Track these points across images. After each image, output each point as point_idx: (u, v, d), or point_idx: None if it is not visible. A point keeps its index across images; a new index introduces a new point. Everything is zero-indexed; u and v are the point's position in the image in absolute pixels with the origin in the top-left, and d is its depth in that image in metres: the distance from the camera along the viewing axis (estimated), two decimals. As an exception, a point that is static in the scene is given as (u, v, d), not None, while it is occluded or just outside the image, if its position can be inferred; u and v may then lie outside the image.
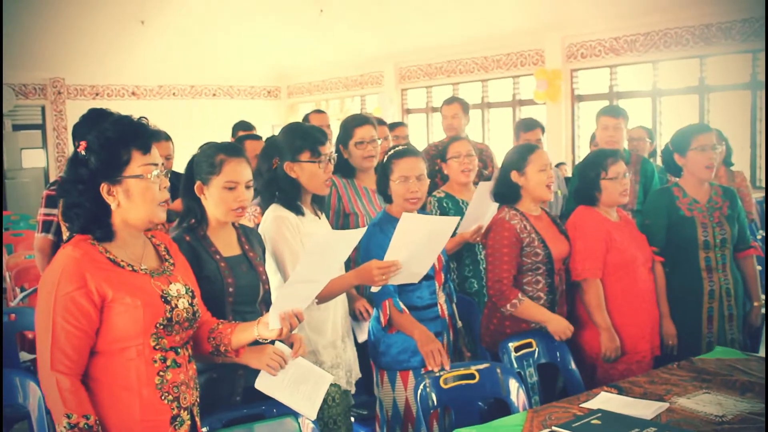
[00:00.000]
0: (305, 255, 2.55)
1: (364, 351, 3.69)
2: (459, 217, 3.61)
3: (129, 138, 2.31)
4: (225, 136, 7.44)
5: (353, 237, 2.71)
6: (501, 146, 11.36)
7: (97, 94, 14.16)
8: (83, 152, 2.30)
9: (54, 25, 12.09)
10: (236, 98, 15.71)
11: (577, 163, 10.38)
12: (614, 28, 9.92)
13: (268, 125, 15.14)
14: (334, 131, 6.11)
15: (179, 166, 5.53)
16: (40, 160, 14.11)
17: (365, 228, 2.87)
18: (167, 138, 5.28)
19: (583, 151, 10.60)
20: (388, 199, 3.57)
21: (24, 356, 4.63)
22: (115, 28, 12.70)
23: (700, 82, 9.39)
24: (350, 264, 3.68)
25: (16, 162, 14.99)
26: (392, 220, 3.47)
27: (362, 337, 3.73)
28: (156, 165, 2.34)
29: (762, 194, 8.11)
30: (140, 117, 2.46)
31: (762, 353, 3.99)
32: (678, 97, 9.83)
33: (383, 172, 3.55)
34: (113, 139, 2.30)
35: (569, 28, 10.39)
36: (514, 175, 3.78)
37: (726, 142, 5.59)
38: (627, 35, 9.88)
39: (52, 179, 13.52)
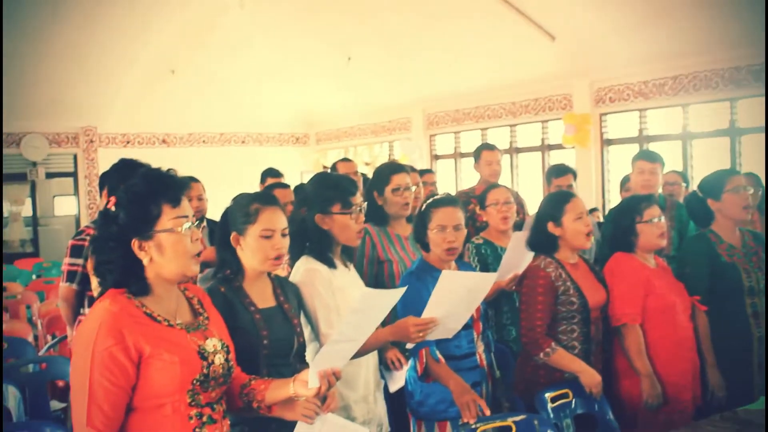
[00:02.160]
0: (350, 314, 2.52)
1: (395, 401, 3.64)
2: (497, 273, 3.57)
3: (158, 192, 2.29)
4: (254, 183, 7.52)
5: (394, 296, 2.67)
6: (530, 191, 11.36)
7: (128, 142, 14.33)
8: (113, 208, 2.29)
9: (86, 75, 12.31)
10: (265, 145, 15.81)
11: (607, 207, 10.39)
12: (642, 72, 9.90)
13: (297, 172, 15.23)
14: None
15: (210, 213, 5.62)
16: (71, 208, 14.27)
17: (406, 287, 2.82)
18: (195, 180, 5.32)
19: (613, 195, 10.54)
20: (425, 247, 3.55)
21: (55, 405, 4.62)
22: (146, 77, 12.91)
23: (731, 125, 9.31)
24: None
25: (49, 209, 15.21)
26: (429, 268, 3.45)
27: (394, 387, 3.67)
28: (187, 217, 2.32)
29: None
30: (168, 169, 2.45)
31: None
32: (709, 140, 9.74)
33: (421, 221, 3.53)
34: (142, 194, 2.28)
35: (597, 72, 10.38)
36: (551, 226, 3.75)
37: (762, 188, 5.52)
38: (655, 79, 9.85)
39: (83, 226, 13.72)
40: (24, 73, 11.63)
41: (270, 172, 7.23)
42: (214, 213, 5.61)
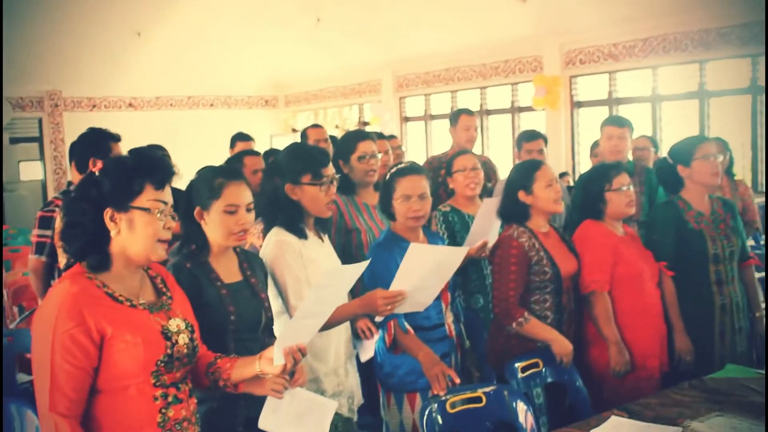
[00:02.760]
0: (313, 291, 2.50)
1: (368, 370, 3.64)
2: (468, 248, 3.55)
3: (146, 169, 2.27)
4: (223, 146, 7.47)
5: (357, 270, 2.65)
6: (500, 154, 11.38)
7: (94, 106, 14.11)
8: (98, 173, 2.25)
9: (51, 38, 12.05)
10: (234, 108, 15.66)
11: (577, 169, 10.43)
12: (613, 33, 9.88)
13: (266, 135, 15.13)
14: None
15: (176, 180, 5.54)
16: (37, 173, 14.05)
17: (369, 261, 2.80)
18: (164, 150, 5.23)
19: (583, 158, 10.57)
20: (391, 216, 3.53)
21: (22, 378, 4.57)
22: (111, 40, 12.66)
23: (700, 87, 9.35)
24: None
25: (14, 175, 14.95)
26: (397, 238, 3.43)
27: (365, 357, 3.66)
28: (165, 203, 2.29)
29: (763, 199, 8.08)
30: (162, 153, 2.44)
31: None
32: (678, 102, 9.78)
33: (386, 190, 3.50)
34: (130, 167, 2.27)
35: (567, 34, 10.36)
36: (521, 195, 3.74)
37: (729, 152, 5.54)
38: (626, 41, 9.84)
39: (49, 191, 13.59)
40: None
41: (240, 136, 7.16)
42: (183, 180, 5.57)
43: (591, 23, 9.91)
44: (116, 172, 2.25)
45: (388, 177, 3.52)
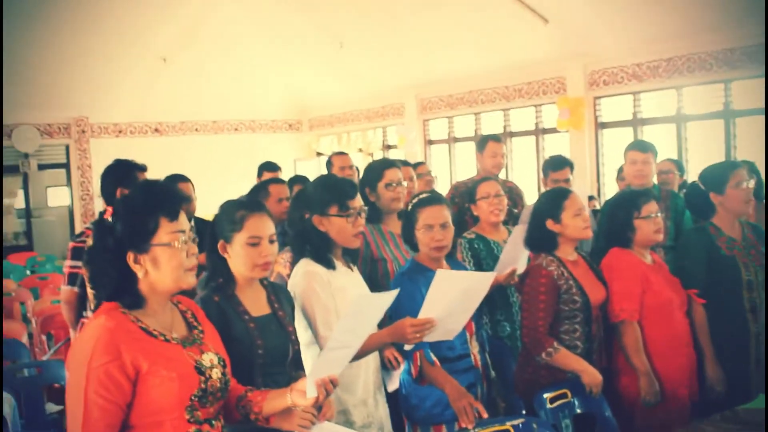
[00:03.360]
0: (342, 320, 2.51)
1: (394, 401, 3.62)
2: (495, 273, 3.53)
3: (156, 205, 2.26)
4: (248, 170, 7.50)
5: (387, 299, 2.66)
6: (524, 175, 11.34)
7: (120, 132, 14.23)
8: (110, 219, 2.25)
9: (77, 65, 12.21)
10: (258, 132, 15.73)
11: (602, 191, 10.37)
12: (636, 54, 9.83)
13: (290, 159, 15.18)
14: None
15: (203, 204, 5.57)
16: (65, 199, 14.19)
17: (398, 290, 2.80)
18: (186, 180, 5.27)
19: (608, 179, 10.51)
20: (414, 247, 3.53)
21: (51, 408, 4.59)
22: (137, 66, 12.82)
23: (726, 107, 9.25)
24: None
25: (42, 201, 15.13)
26: (421, 269, 3.43)
27: (392, 387, 3.65)
28: (184, 231, 2.29)
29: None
30: (167, 178, 2.42)
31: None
32: (703, 122, 9.69)
33: (408, 221, 3.51)
34: (140, 207, 2.26)
35: (591, 55, 10.32)
36: (550, 223, 3.73)
37: (757, 175, 5.48)
38: (649, 61, 9.78)
39: (76, 217, 13.71)
40: (15, 65, 11.51)
41: (267, 166, 7.22)
42: (209, 203, 5.59)
43: (614, 44, 9.87)
44: (128, 214, 2.24)
45: (410, 207, 3.53)
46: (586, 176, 10.39)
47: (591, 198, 9.30)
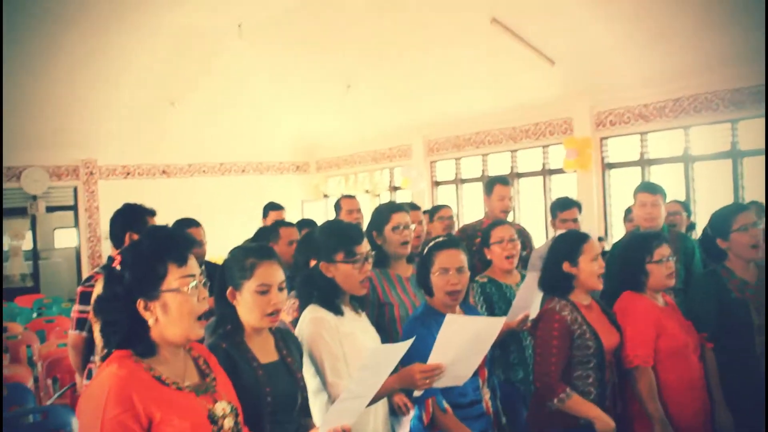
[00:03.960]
0: (357, 371, 2.50)
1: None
2: (504, 317, 3.50)
3: (164, 251, 2.24)
4: (255, 212, 7.55)
5: (401, 349, 2.64)
6: (531, 216, 11.32)
7: (128, 174, 14.30)
8: (118, 268, 2.23)
9: (86, 107, 12.33)
10: (265, 174, 15.80)
11: (610, 232, 10.33)
12: (643, 94, 9.87)
13: (298, 200, 15.21)
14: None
15: (212, 246, 5.56)
16: (72, 240, 14.23)
17: (413, 339, 2.77)
18: (197, 225, 5.28)
19: (616, 220, 10.49)
20: (428, 290, 3.50)
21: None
22: (146, 109, 12.93)
23: (733, 147, 9.26)
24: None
25: (49, 242, 15.17)
26: (434, 313, 3.39)
27: (401, 433, 3.60)
28: (194, 276, 2.26)
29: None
30: (175, 224, 2.40)
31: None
32: (711, 162, 9.68)
33: (423, 264, 3.48)
34: (148, 254, 2.23)
35: (597, 96, 10.36)
36: (566, 266, 3.70)
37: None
38: (656, 101, 9.82)
39: (83, 259, 13.71)
40: (23, 106, 11.64)
41: (272, 206, 7.26)
42: (217, 245, 5.58)
43: (621, 84, 9.91)
44: (136, 262, 2.22)
45: (426, 251, 3.50)
46: (594, 217, 10.37)
47: (600, 239, 9.27)
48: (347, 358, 3.12)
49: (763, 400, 3.79)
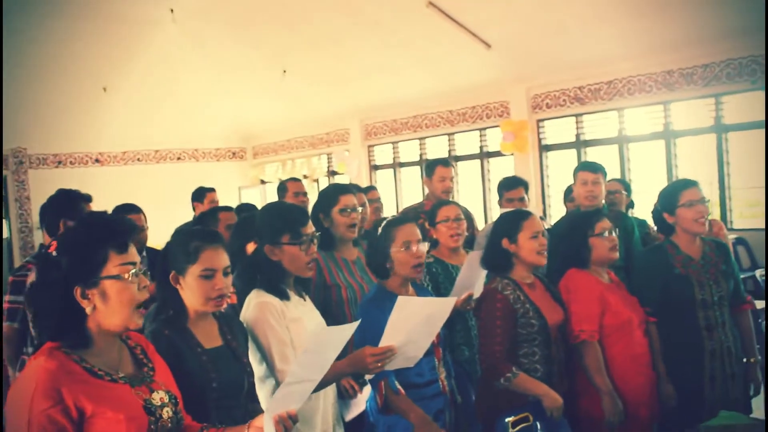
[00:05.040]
0: (302, 354, 2.43)
1: (352, 430, 3.54)
2: (456, 298, 3.49)
3: (104, 237, 2.15)
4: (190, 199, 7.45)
5: (348, 331, 2.59)
6: (469, 199, 11.39)
7: (60, 163, 13.97)
8: (54, 253, 2.14)
9: (14, 94, 11.92)
10: (201, 161, 15.59)
11: (548, 212, 10.46)
12: (578, 77, 10.00)
13: (235, 187, 15.05)
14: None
15: (150, 233, 5.44)
16: (2, 232, 13.82)
17: (359, 321, 2.74)
18: (138, 211, 5.16)
19: (554, 201, 10.63)
20: (383, 273, 3.46)
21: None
22: (77, 95, 12.61)
23: (666, 128, 9.44)
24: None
25: (-23, 234, 14.70)
26: (388, 294, 3.36)
27: (349, 416, 3.58)
28: (134, 264, 2.18)
29: (734, 236, 8.14)
30: (115, 210, 2.32)
31: (756, 414, 3.89)
32: (645, 143, 9.87)
33: (380, 243, 3.44)
34: (87, 239, 2.14)
35: (533, 79, 10.46)
36: (505, 243, 3.69)
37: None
38: (591, 84, 9.96)
39: (15, 251, 13.35)
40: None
41: (205, 189, 7.27)
42: (153, 233, 5.46)
43: (556, 67, 10.01)
44: (74, 248, 2.13)
45: (382, 229, 3.47)
46: (532, 198, 10.45)
47: (542, 218, 9.36)
48: (294, 343, 3.06)
49: (702, 374, 3.87)
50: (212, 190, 7.32)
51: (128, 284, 2.16)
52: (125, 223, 2.26)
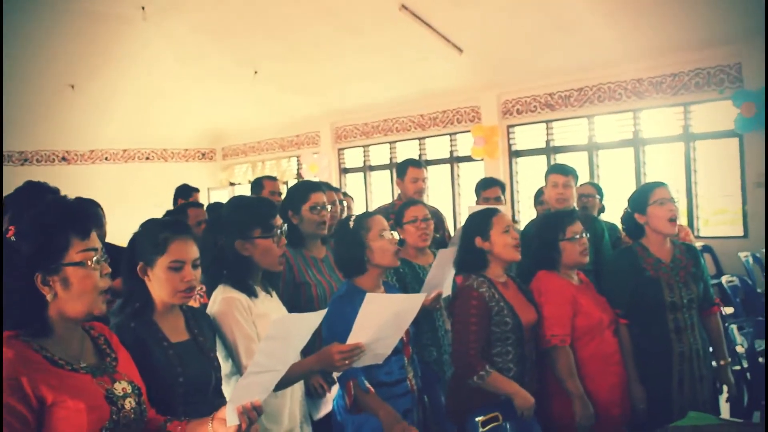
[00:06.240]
0: (264, 342, 2.36)
1: (320, 429, 3.51)
2: (425, 294, 3.46)
3: (66, 223, 2.11)
4: (160, 200, 7.38)
5: (313, 320, 2.53)
6: (439, 203, 11.37)
7: (26, 160, 13.77)
8: (12, 239, 2.08)
9: (-21, 91, 11.76)
10: (170, 161, 15.46)
11: (517, 218, 10.49)
12: (548, 84, 10.07)
13: (204, 188, 14.92)
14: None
15: (111, 233, 5.35)
16: (-36, 230, 13.59)
17: (326, 310, 2.70)
18: (97, 205, 5.07)
19: (523, 207, 10.67)
20: (358, 268, 3.44)
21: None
22: (44, 92, 12.41)
23: (635, 135, 9.54)
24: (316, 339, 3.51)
25: (-61, 233, 14.41)
26: (359, 291, 3.32)
27: (318, 415, 3.54)
28: (96, 250, 2.13)
29: (701, 244, 8.23)
30: (77, 197, 2.26)
31: (725, 416, 3.92)
32: (614, 150, 9.95)
33: (354, 236, 3.41)
34: (48, 225, 2.09)
35: (504, 85, 10.51)
36: (478, 241, 3.68)
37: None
38: (561, 91, 10.03)
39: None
40: None
41: (189, 189, 7.23)
42: (120, 233, 5.37)
43: (527, 74, 10.07)
44: (34, 233, 2.08)
45: (354, 222, 3.49)
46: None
47: (514, 222, 9.39)
48: (260, 339, 3.02)
49: (670, 376, 3.89)
50: (197, 190, 7.26)
51: (91, 271, 2.12)
52: (87, 210, 2.20)
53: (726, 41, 8.18)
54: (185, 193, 7.23)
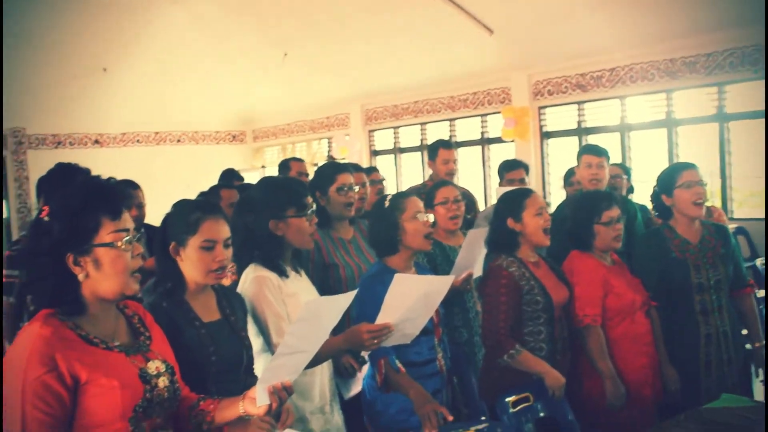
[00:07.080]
0: (294, 324, 2.38)
1: (349, 408, 3.52)
2: (454, 276, 3.45)
3: (97, 203, 2.11)
4: (191, 182, 7.41)
5: (343, 302, 2.54)
6: (470, 184, 11.32)
7: (59, 143, 13.89)
8: (46, 218, 2.09)
9: (13, 74, 11.82)
10: (201, 143, 15.51)
11: (548, 199, 10.43)
12: (580, 64, 9.95)
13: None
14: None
15: (148, 215, 5.41)
16: (1, 211, 13.77)
17: (355, 291, 2.70)
18: (136, 186, 5.13)
19: (554, 188, 10.59)
20: (391, 248, 3.44)
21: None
22: (77, 76, 12.49)
23: (668, 116, 9.40)
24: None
25: (-24, 214, 14.63)
26: (389, 270, 3.33)
27: (348, 395, 3.56)
28: (128, 231, 2.14)
29: (735, 226, 8.13)
30: (109, 177, 2.27)
31: (759, 398, 3.88)
32: (646, 131, 9.83)
33: (388, 216, 3.42)
34: (79, 205, 2.09)
35: (535, 66, 10.41)
36: (510, 222, 3.67)
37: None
38: (593, 71, 9.91)
39: (14, 231, 13.29)
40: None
41: (233, 174, 7.25)
42: (151, 214, 5.44)
43: (558, 54, 9.96)
44: (65, 213, 2.09)
45: (390, 201, 3.49)
46: (532, 185, 10.42)
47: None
48: (291, 318, 3.04)
49: (697, 358, 3.86)
50: (242, 177, 7.25)
51: (122, 252, 2.12)
52: (119, 190, 2.21)
53: (761, 20, 8.04)
54: (228, 178, 7.25)
